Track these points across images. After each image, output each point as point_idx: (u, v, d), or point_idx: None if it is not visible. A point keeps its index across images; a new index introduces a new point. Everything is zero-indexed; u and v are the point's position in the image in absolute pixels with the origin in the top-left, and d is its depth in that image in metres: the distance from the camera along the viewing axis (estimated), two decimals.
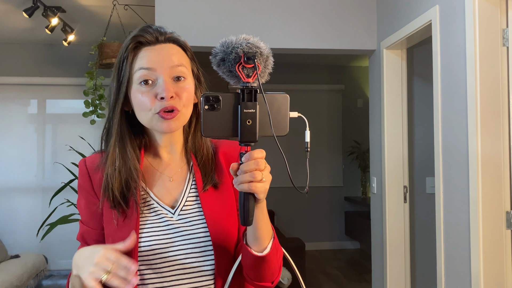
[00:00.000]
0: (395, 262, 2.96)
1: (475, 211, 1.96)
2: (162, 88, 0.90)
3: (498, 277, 1.94)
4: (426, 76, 3.09)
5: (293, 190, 5.51)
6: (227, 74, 0.78)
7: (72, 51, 4.72)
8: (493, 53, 1.96)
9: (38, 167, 4.91)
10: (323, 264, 5.22)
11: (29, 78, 4.82)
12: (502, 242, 1.95)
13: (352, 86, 6.05)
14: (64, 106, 5.03)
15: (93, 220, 0.97)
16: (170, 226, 0.95)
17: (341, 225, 5.94)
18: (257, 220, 0.85)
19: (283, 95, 0.80)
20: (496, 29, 1.97)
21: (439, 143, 2.29)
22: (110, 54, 3.47)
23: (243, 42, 0.76)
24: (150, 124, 0.93)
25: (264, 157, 0.79)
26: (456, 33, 2.14)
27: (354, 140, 5.90)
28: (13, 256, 4.15)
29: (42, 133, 4.94)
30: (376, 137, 3.17)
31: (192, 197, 0.99)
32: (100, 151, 0.99)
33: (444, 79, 2.26)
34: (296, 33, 3.04)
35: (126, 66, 0.93)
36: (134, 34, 0.95)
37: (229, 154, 1.04)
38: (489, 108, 1.95)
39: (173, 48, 0.95)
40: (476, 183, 1.95)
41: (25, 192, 4.85)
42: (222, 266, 0.95)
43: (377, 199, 3.14)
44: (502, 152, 1.96)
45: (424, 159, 3.16)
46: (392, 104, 2.99)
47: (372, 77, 3.24)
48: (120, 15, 3.71)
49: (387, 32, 2.94)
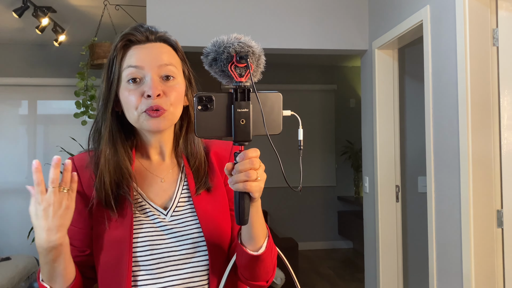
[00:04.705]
0: (387, 261, 2.98)
1: (466, 210, 1.98)
2: (149, 86, 0.89)
3: (489, 275, 1.96)
4: (417, 76, 3.11)
5: (286, 190, 5.51)
6: (219, 74, 0.78)
7: (63, 51, 4.68)
8: (483, 53, 1.98)
9: (29, 168, 4.83)
10: (316, 264, 5.24)
11: (20, 79, 4.77)
12: (493, 241, 1.96)
13: (344, 86, 6.07)
14: (55, 107, 4.99)
15: (81, 219, 0.95)
16: (163, 227, 0.94)
17: (334, 225, 5.95)
18: (252, 219, 0.85)
19: (276, 94, 0.80)
20: (486, 29, 1.98)
21: (430, 142, 2.31)
22: (101, 54, 3.45)
23: (234, 42, 0.76)
24: (138, 123, 0.92)
25: (258, 156, 0.79)
26: (447, 33, 2.15)
27: (346, 140, 5.92)
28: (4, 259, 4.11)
29: (33, 134, 4.90)
30: (368, 137, 3.18)
31: (184, 198, 0.98)
32: (88, 150, 0.98)
33: (435, 79, 2.28)
34: (287, 33, 3.04)
35: (116, 64, 0.92)
36: (124, 32, 0.94)
37: (221, 154, 1.03)
38: (480, 107, 1.97)
39: (163, 47, 0.94)
40: (467, 182, 1.97)
41: (16, 194, 4.80)
42: (216, 266, 0.95)
43: (370, 199, 3.15)
44: (493, 151, 1.97)
45: (416, 158, 3.17)
46: (384, 104, 3.01)
47: (364, 77, 3.25)
48: (111, 15, 3.69)
49: (378, 32, 2.96)
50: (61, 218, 0.81)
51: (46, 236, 0.82)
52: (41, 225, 0.81)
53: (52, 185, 0.80)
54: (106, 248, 0.92)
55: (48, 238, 0.82)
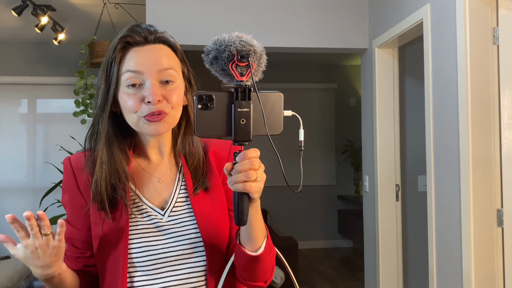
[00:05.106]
0: (387, 260, 2.98)
1: (466, 209, 1.97)
2: (149, 92, 0.87)
3: (489, 274, 1.96)
4: (417, 74, 3.10)
5: (286, 189, 5.51)
6: (220, 73, 0.77)
7: (63, 50, 4.67)
8: (483, 51, 1.97)
9: (29, 167, 4.86)
10: (316, 263, 5.23)
11: (19, 77, 4.77)
12: (493, 240, 1.96)
13: (344, 85, 6.06)
14: (54, 106, 4.98)
15: (79, 220, 0.95)
16: (160, 228, 0.94)
17: (334, 224, 5.95)
18: (251, 220, 0.84)
19: (277, 94, 0.79)
20: (486, 28, 1.98)
21: (430, 141, 2.31)
22: (100, 53, 3.44)
23: (236, 40, 0.75)
24: (137, 126, 0.91)
25: (258, 156, 0.78)
26: (447, 31, 2.15)
27: (347, 138, 5.92)
28: (4, 257, 4.10)
29: (33, 133, 4.90)
30: (368, 136, 3.18)
31: (181, 198, 0.97)
32: (84, 150, 0.97)
33: (435, 77, 2.27)
34: (288, 32, 3.04)
35: (114, 67, 0.90)
36: (122, 34, 0.92)
37: (219, 153, 1.02)
38: (480, 106, 1.96)
39: (162, 50, 0.92)
40: (467, 181, 1.97)
41: (15, 193, 4.80)
42: (214, 266, 0.94)
43: (370, 198, 3.15)
44: (493, 150, 1.97)
45: (416, 157, 3.17)
46: (384, 103, 3.00)
47: (364, 76, 3.25)
48: (111, 13, 3.68)
49: (378, 31, 2.95)
50: (52, 256, 0.81)
51: (41, 272, 0.82)
52: (34, 264, 0.81)
53: (32, 233, 0.78)
54: (103, 249, 0.92)
55: (44, 273, 0.82)
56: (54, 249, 0.80)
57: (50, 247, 0.80)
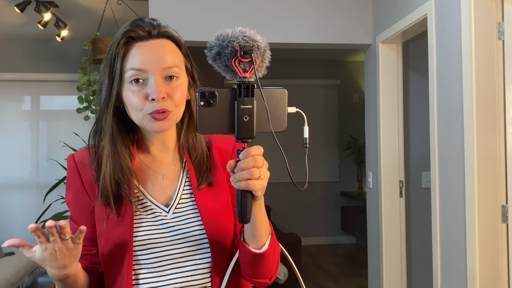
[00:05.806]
0: (391, 256, 2.97)
1: (471, 205, 1.96)
2: (153, 89, 0.87)
3: (494, 270, 1.95)
4: (421, 70, 3.08)
5: (289, 185, 5.50)
6: (222, 69, 0.76)
7: (66, 46, 4.67)
8: (488, 46, 1.96)
9: (33, 164, 4.87)
10: (320, 259, 5.24)
11: (23, 74, 4.77)
12: (498, 236, 1.95)
13: (348, 81, 6.04)
14: (58, 102, 4.99)
15: (83, 217, 0.95)
16: (165, 225, 0.93)
17: (337, 220, 5.95)
18: (255, 218, 0.83)
19: (281, 90, 0.78)
20: (491, 23, 1.96)
21: (434, 137, 2.29)
22: (103, 49, 3.44)
23: (239, 36, 0.74)
24: (141, 123, 0.91)
25: (262, 153, 0.77)
26: (452, 26, 2.13)
27: (350, 135, 5.90)
28: (8, 254, 4.12)
29: (36, 129, 4.91)
30: (372, 132, 3.17)
31: (186, 194, 0.97)
32: (88, 147, 0.97)
33: (439, 73, 2.26)
34: (291, 27, 3.02)
35: (118, 63, 0.89)
36: (125, 29, 0.91)
37: (223, 149, 1.02)
38: (485, 102, 1.95)
39: (166, 45, 0.91)
40: (471, 177, 1.96)
41: (19, 189, 4.82)
42: (219, 263, 0.94)
43: (373, 194, 3.14)
44: (498, 146, 1.96)
45: (420, 153, 3.16)
46: (388, 99, 2.99)
47: (368, 72, 3.23)
48: (114, 9, 3.67)
49: (382, 27, 2.93)
50: (70, 257, 0.81)
51: (58, 272, 0.82)
52: (51, 265, 0.81)
53: (52, 238, 0.78)
54: (107, 246, 0.92)
55: (61, 273, 0.82)
56: (72, 251, 0.81)
57: (69, 250, 0.80)
